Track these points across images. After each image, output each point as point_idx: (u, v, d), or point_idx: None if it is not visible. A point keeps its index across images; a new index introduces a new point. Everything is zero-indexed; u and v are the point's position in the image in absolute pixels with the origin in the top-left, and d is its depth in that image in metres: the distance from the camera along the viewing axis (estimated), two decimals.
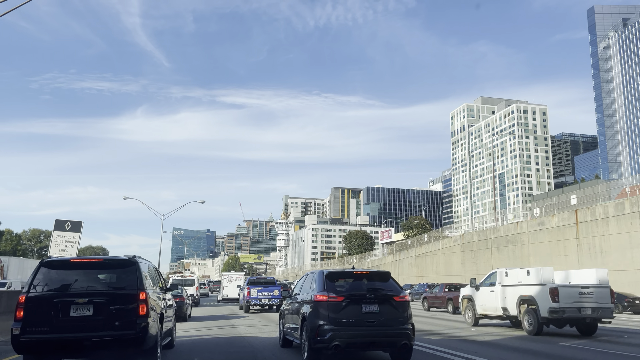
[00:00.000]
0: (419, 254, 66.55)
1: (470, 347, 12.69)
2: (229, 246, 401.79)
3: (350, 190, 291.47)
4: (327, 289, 9.62)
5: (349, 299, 9.42)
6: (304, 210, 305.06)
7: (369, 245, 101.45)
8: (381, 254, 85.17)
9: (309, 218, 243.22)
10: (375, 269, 10.86)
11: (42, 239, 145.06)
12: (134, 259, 9.13)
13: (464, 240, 55.99)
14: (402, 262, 72.11)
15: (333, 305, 9.34)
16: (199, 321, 21.43)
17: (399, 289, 10.03)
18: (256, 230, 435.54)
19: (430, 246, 64.08)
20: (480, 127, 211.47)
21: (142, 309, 8.37)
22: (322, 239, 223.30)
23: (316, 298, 9.60)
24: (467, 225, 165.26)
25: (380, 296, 9.57)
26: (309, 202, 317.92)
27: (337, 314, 9.27)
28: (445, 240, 60.69)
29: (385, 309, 9.47)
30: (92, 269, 8.85)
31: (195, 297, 33.79)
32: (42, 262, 8.67)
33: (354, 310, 9.33)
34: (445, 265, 59.50)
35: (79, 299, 8.16)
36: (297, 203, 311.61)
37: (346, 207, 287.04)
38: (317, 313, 9.46)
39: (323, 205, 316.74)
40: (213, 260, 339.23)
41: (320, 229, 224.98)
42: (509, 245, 48.21)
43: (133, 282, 8.62)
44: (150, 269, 10.39)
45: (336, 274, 10.19)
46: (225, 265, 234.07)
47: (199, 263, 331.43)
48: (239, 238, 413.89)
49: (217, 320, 22.11)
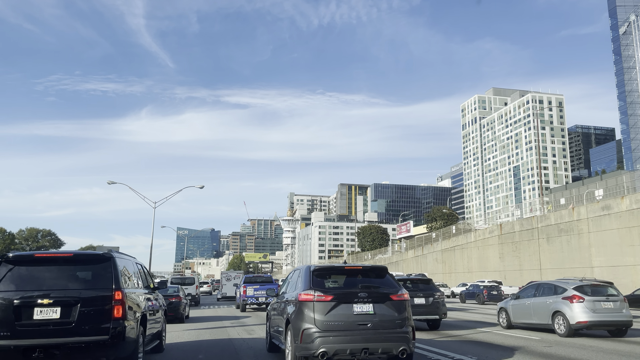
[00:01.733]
0: (446, 248, 59.31)
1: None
2: (233, 245, 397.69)
3: (357, 187, 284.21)
4: (313, 286, 8.45)
5: (338, 298, 8.25)
6: (309, 207, 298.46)
7: (384, 241, 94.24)
8: (399, 249, 77.95)
9: (315, 215, 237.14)
10: (369, 264, 9.50)
11: (40, 238, 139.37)
12: (109, 254, 8.01)
13: (503, 231, 48.72)
14: (425, 257, 64.86)
15: (320, 306, 8.18)
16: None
17: (397, 286, 8.81)
18: (261, 229, 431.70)
19: (459, 239, 56.82)
20: (493, 118, 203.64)
21: (117, 310, 7.51)
22: (329, 237, 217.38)
23: (300, 297, 8.39)
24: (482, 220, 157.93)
25: (374, 295, 8.39)
26: (315, 200, 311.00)
27: (325, 316, 8.13)
28: (479, 232, 53.41)
29: (381, 310, 8.32)
30: (61, 265, 7.74)
31: (196, 295, 33.38)
32: (2, 257, 7.67)
33: (344, 311, 8.18)
34: (479, 260, 52.25)
35: (44, 299, 7.31)
36: (302, 200, 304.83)
37: (353, 204, 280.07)
38: (301, 315, 8.27)
39: (329, 202, 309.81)
40: (218, 260, 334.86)
41: (328, 226, 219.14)
42: (562, 235, 40.89)
43: (108, 280, 7.68)
44: (132, 265, 9.41)
45: (325, 270, 9.04)
46: (230, 265, 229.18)
47: (204, 262, 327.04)
48: (244, 237, 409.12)
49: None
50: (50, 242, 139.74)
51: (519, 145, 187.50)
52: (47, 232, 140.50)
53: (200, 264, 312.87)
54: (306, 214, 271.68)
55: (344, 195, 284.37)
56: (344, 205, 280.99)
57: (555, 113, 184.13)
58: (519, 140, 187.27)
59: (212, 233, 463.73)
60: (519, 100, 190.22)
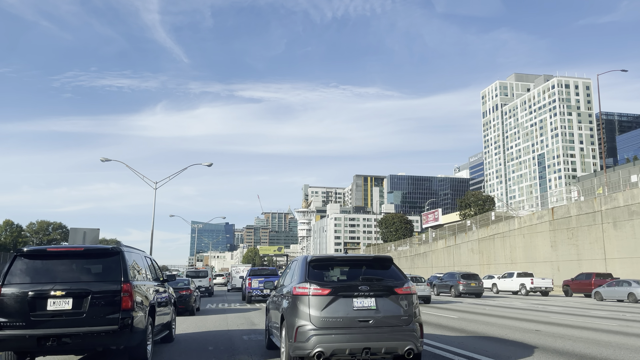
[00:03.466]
0: (484, 236, 53.17)
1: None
2: (247, 239, 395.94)
3: (373, 178, 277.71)
4: (309, 279, 7.65)
5: (336, 291, 7.44)
6: (324, 199, 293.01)
7: (408, 231, 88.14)
8: (427, 239, 71.90)
9: (331, 207, 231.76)
10: (372, 254, 8.76)
11: (51, 231, 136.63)
12: (118, 248, 8.35)
13: (555, 216, 42.45)
14: (458, 247, 58.78)
15: (316, 300, 7.40)
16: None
17: (403, 278, 7.92)
18: (275, 223, 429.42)
19: (500, 226, 50.64)
20: (515, 105, 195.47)
21: (126, 301, 7.82)
22: (345, 229, 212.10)
23: (295, 291, 7.64)
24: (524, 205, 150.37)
25: (377, 288, 7.55)
26: (330, 192, 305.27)
27: (321, 312, 7.34)
28: (524, 218, 47.14)
29: (385, 305, 7.49)
30: (72, 258, 8.12)
31: (210, 287, 35.66)
32: (17, 252, 8.08)
33: (343, 306, 7.39)
34: (525, 250, 46.08)
35: (57, 291, 7.66)
36: (317, 192, 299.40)
37: (369, 196, 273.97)
38: (295, 310, 7.50)
39: (344, 194, 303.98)
40: (232, 253, 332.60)
41: (344, 218, 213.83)
42: (635, 219, 34.58)
43: (117, 273, 8.02)
44: (141, 259, 9.74)
45: (323, 260, 8.13)
46: (245, 258, 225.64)
47: (218, 256, 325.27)
48: (258, 230, 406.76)
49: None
50: (61, 235, 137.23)
51: (543, 132, 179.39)
52: (58, 225, 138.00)
53: (215, 257, 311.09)
54: (321, 206, 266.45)
55: (360, 187, 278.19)
56: (359, 196, 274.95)
57: (582, 98, 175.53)
58: (544, 127, 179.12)
59: (227, 227, 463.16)
60: (543, 85, 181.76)
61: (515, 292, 36.88)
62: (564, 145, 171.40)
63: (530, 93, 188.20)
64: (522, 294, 35.67)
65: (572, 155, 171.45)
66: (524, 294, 35.48)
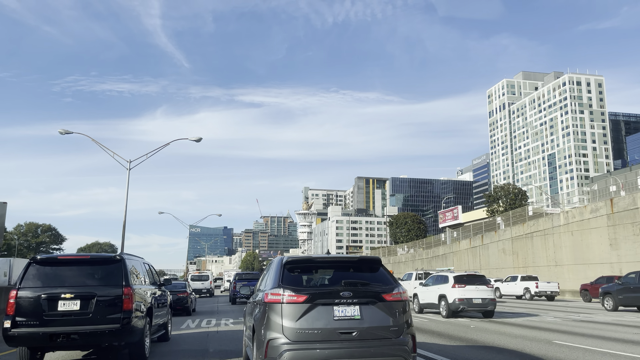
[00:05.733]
0: (519, 235, 46.32)
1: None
2: (246, 243, 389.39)
3: (375, 180, 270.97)
4: (283, 283, 6.55)
5: (314, 298, 6.32)
6: (325, 202, 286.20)
7: (421, 231, 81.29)
8: (446, 240, 65.05)
9: (332, 209, 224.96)
10: (358, 255, 7.72)
11: (40, 233, 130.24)
12: (120, 256, 9.26)
13: (615, 209, 35.60)
14: (486, 248, 51.92)
15: (290, 309, 6.30)
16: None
17: (393, 282, 6.79)
18: (274, 227, 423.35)
19: (540, 223, 43.80)
20: (524, 103, 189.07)
21: (126, 303, 8.64)
22: (347, 232, 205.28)
23: (266, 298, 6.54)
24: None
25: (362, 294, 6.46)
26: (331, 194, 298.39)
27: (296, 322, 6.24)
28: (573, 212, 40.31)
29: (371, 314, 6.40)
30: (80, 265, 9.10)
31: (210, 289, 40.62)
32: (32, 259, 9.01)
33: (322, 315, 6.28)
34: (574, 250, 39.24)
35: (66, 294, 8.49)
36: (317, 195, 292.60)
37: (371, 198, 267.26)
38: (267, 321, 6.42)
39: (346, 197, 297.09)
40: (230, 257, 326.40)
41: (346, 221, 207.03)
42: None
43: (119, 278, 8.88)
44: (140, 265, 10.66)
45: (300, 262, 7.05)
46: (243, 262, 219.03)
47: (216, 260, 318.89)
48: (257, 234, 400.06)
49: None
50: (51, 238, 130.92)
51: (554, 132, 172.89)
52: (47, 227, 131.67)
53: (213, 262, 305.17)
54: (322, 209, 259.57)
55: (361, 189, 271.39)
56: (361, 199, 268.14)
57: (594, 95, 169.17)
58: (554, 125, 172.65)
59: (225, 231, 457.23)
60: (554, 83, 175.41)
61: (519, 297, 36.30)
62: (575, 145, 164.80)
63: (540, 91, 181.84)
64: (527, 298, 35.21)
65: (585, 155, 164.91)
66: (529, 298, 35.05)
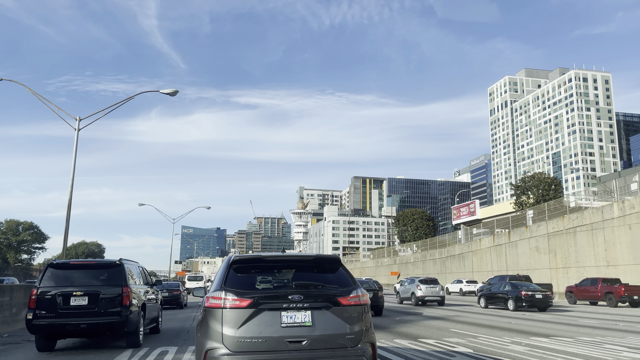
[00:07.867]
0: (557, 230, 39.85)
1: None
2: (239, 244, 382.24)
3: (372, 180, 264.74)
4: (226, 286, 5.86)
5: (260, 303, 5.65)
6: (321, 202, 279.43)
7: (431, 229, 74.95)
8: (461, 238, 58.56)
9: (328, 209, 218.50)
10: (314, 253, 6.68)
11: (21, 231, 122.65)
12: (120, 262, 11.45)
13: None
14: (514, 246, 45.41)
15: (232, 315, 5.62)
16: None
17: (352, 284, 6.06)
18: (268, 228, 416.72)
19: (586, 216, 37.34)
20: (527, 101, 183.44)
21: (125, 300, 10.86)
22: (344, 232, 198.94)
23: (207, 302, 5.86)
24: None
25: (315, 297, 5.78)
26: (327, 194, 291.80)
27: (238, 330, 5.56)
28: (631, 202, 33.84)
29: (324, 320, 5.70)
30: (88, 269, 11.41)
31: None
32: (49, 264, 11.36)
33: (268, 322, 5.60)
34: (633, 246, 32.79)
35: (77, 292, 10.81)
36: (313, 195, 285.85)
37: (368, 199, 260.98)
38: (206, 328, 5.72)
39: (342, 197, 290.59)
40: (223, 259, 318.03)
41: (342, 221, 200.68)
42: None
43: (119, 279, 11.12)
44: (137, 268, 13.13)
45: (249, 262, 6.25)
46: None
47: (208, 262, 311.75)
48: (250, 235, 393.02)
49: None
50: (32, 236, 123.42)
51: (559, 130, 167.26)
52: (29, 225, 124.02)
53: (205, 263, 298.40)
54: (317, 209, 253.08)
55: (358, 189, 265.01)
56: (357, 199, 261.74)
57: (601, 93, 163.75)
58: (559, 123, 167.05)
59: (218, 232, 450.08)
60: (559, 79, 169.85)
61: None
62: (582, 143, 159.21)
63: (544, 88, 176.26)
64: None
65: (591, 154, 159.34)
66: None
